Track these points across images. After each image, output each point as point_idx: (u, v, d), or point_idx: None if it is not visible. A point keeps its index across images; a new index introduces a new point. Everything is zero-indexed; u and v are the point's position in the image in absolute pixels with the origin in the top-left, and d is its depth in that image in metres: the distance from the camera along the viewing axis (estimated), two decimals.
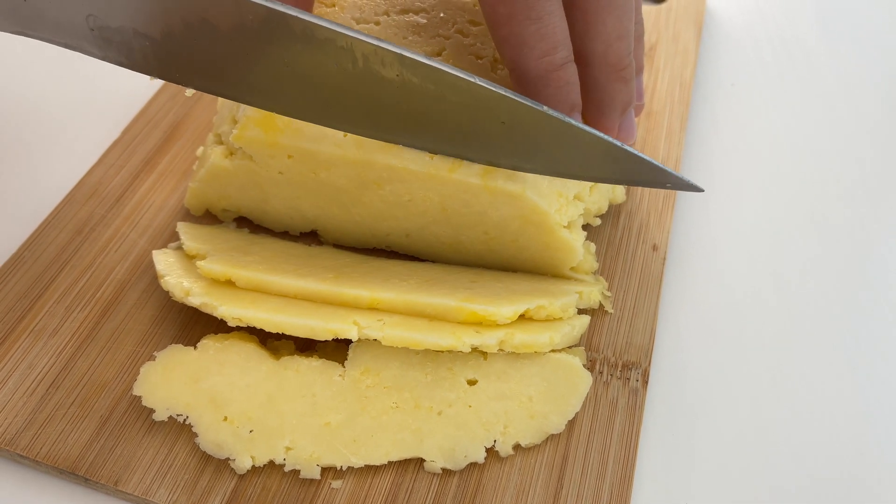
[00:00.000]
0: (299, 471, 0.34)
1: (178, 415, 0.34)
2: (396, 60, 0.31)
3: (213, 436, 0.34)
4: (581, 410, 0.36)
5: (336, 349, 0.37)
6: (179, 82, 0.33)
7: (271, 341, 0.37)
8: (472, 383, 0.36)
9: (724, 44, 0.57)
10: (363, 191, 0.38)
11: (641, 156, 0.34)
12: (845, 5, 0.61)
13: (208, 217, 0.44)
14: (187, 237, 0.40)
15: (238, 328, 0.36)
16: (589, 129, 0.33)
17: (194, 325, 0.39)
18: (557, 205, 0.37)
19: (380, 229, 0.41)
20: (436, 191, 0.37)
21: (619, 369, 0.38)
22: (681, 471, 0.36)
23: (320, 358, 0.36)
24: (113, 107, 0.50)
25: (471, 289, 0.37)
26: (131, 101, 0.50)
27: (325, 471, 0.35)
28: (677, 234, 0.45)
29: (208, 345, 0.36)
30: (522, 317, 0.36)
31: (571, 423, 0.36)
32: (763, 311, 0.42)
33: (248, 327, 0.34)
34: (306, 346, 0.37)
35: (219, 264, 0.36)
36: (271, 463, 0.34)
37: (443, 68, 0.31)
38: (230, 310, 0.34)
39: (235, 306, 0.34)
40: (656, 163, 0.34)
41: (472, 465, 0.35)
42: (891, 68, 0.56)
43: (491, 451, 0.35)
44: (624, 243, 0.43)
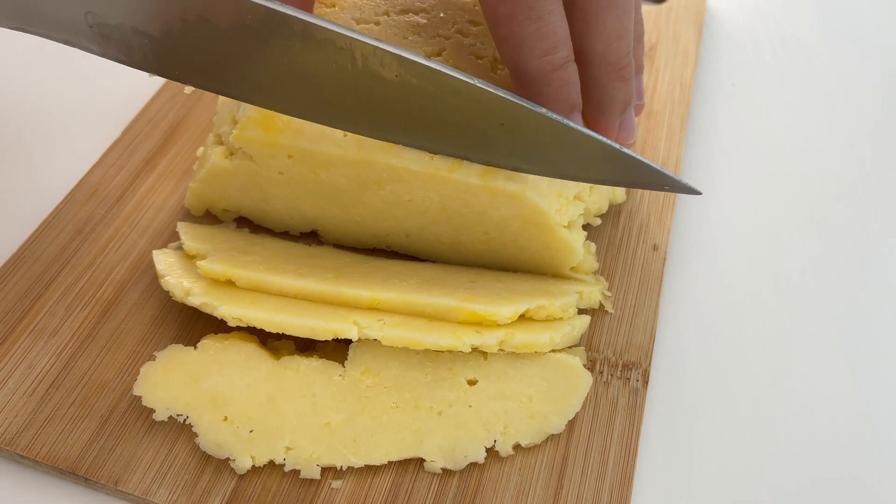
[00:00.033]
0: (299, 471, 0.34)
1: (178, 415, 0.34)
2: (395, 61, 0.31)
3: (213, 436, 0.34)
4: (581, 410, 0.36)
5: (336, 349, 0.37)
6: (178, 80, 0.33)
7: (271, 341, 0.37)
8: (473, 383, 0.36)
9: (725, 44, 0.57)
10: (363, 191, 0.38)
11: (640, 158, 0.34)
12: (845, 5, 0.61)
13: (208, 217, 0.44)
14: (187, 237, 0.40)
15: (238, 328, 0.36)
16: (587, 132, 0.33)
17: (194, 325, 0.39)
18: (557, 205, 0.37)
19: (380, 229, 0.41)
20: (436, 191, 0.37)
21: (620, 369, 0.38)
22: (681, 471, 0.36)
23: (320, 358, 0.36)
24: (113, 107, 0.50)
25: (471, 289, 0.37)
26: (132, 100, 0.50)
27: (325, 471, 0.35)
28: (677, 233, 0.45)
29: (208, 345, 0.36)
30: (522, 317, 0.36)
31: (571, 423, 0.36)
32: (763, 311, 0.42)
33: (249, 327, 0.34)
34: (306, 346, 0.37)
35: (219, 264, 0.36)
36: (271, 463, 0.34)
37: (441, 70, 0.31)
38: (230, 310, 0.34)
39: (235, 306, 0.34)
40: (654, 165, 0.34)
41: (473, 465, 0.35)
42: (891, 68, 0.56)
43: (491, 452, 0.35)
44: (624, 243, 0.43)
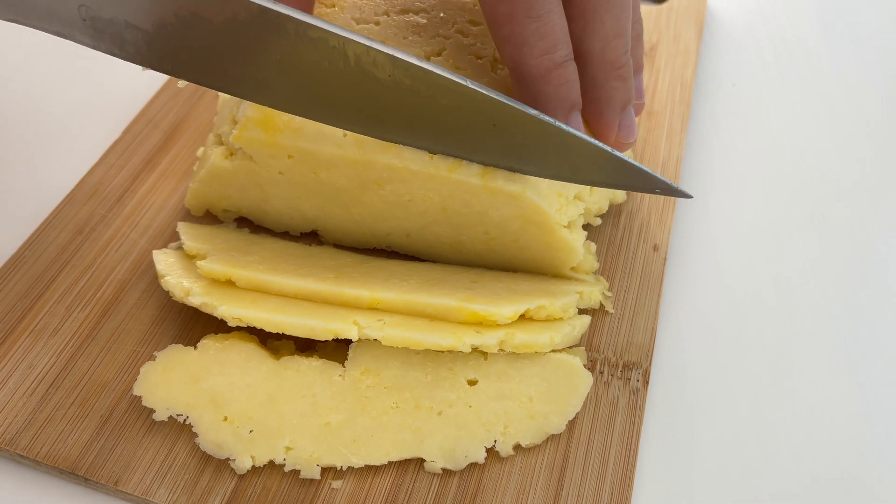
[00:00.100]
0: (299, 471, 0.34)
1: (178, 415, 0.34)
2: (388, 61, 0.31)
3: (213, 436, 0.34)
4: (581, 411, 0.36)
5: (336, 349, 0.37)
6: (172, 74, 0.33)
7: (271, 341, 0.37)
8: (473, 383, 0.36)
9: (725, 44, 0.57)
10: (363, 191, 0.38)
11: (631, 161, 0.34)
12: (846, 5, 0.61)
13: (208, 217, 0.44)
14: (187, 237, 0.40)
15: (238, 328, 0.36)
16: (578, 134, 0.33)
17: (194, 325, 0.39)
18: (558, 205, 0.37)
19: (380, 229, 0.41)
20: (436, 191, 0.37)
21: (620, 369, 0.38)
22: (681, 471, 0.36)
23: (320, 358, 0.36)
24: (113, 106, 0.50)
25: (471, 289, 0.37)
26: (132, 100, 0.50)
27: (326, 471, 0.35)
28: (678, 234, 0.45)
29: (208, 345, 0.36)
30: (523, 317, 0.36)
31: (572, 424, 0.36)
32: (763, 311, 0.42)
33: (249, 327, 0.34)
34: (306, 346, 0.37)
35: (219, 264, 0.36)
36: (271, 463, 0.34)
37: (434, 70, 0.31)
38: (230, 310, 0.34)
39: (235, 306, 0.34)
40: (646, 168, 0.34)
41: (473, 465, 0.35)
42: (891, 68, 0.56)
43: (491, 452, 0.35)
44: (624, 243, 0.43)
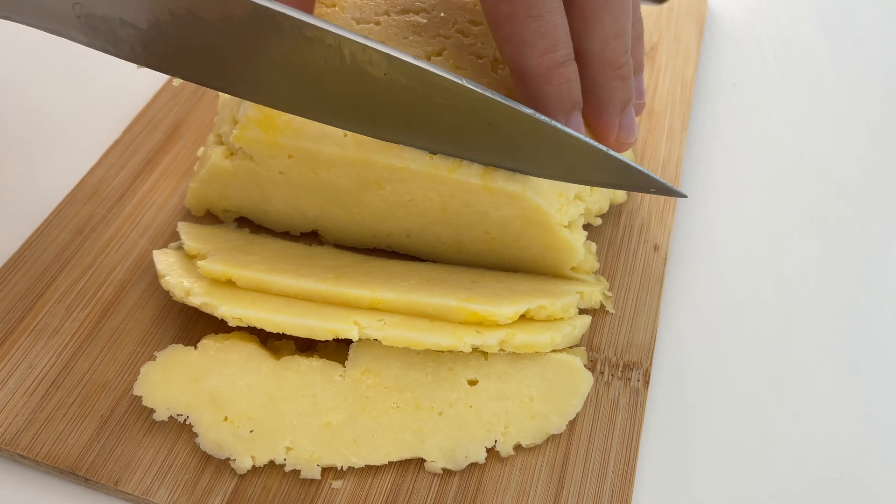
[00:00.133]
0: (300, 471, 0.34)
1: (178, 415, 0.34)
2: (384, 60, 0.31)
3: (213, 436, 0.34)
4: (582, 411, 0.36)
5: (337, 349, 0.37)
6: (166, 72, 0.33)
7: (272, 341, 0.37)
8: (473, 383, 0.36)
9: (726, 44, 0.57)
10: (364, 191, 0.38)
11: (626, 161, 0.34)
12: (847, 5, 0.61)
13: (209, 217, 0.44)
14: (188, 237, 0.40)
15: (238, 328, 0.36)
16: (574, 133, 0.33)
17: (195, 324, 0.39)
18: (558, 205, 0.37)
19: (380, 229, 0.41)
20: (436, 191, 0.37)
21: (621, 369, 0.38)
22: (682, 471, 0.36)
23: (321, 358, 0.36)
24: (114, 106, 0.50)
25: (471, 289, 0.37)
26: (132, 100, 0.50)
27: (326, 471, 0.35)
28: (678, 234, 0.45)
29: (209, 345, 0.36)
30: (523, 317, 0.36)
31: (572, 424, 0.36)
32: (763, 311, 0.42)
33: (249, 327, 0.34)
34: (307, 346, 0.37)
35: (219, 264, 0.36)
36: (272, 463, 0.34)
37: (429, 69, 0.31)
38: (230, 310, 0.34)
39: (236, 306, 0.34)
40: (641, 168, 0.34)
41: (473, 465, 0.35)
42: (891, 68, 0.56)
43: (492, 452, 0.35)
44: (625, 243, 0.43)
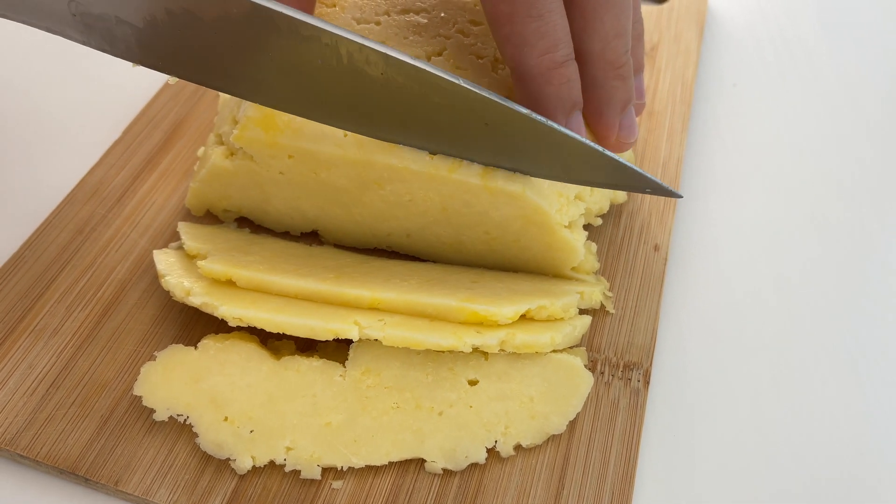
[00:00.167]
0: (300, 471, 0.34)
1: (178, 415, 0.34)
2: (381, 59, 0.31)
3: (213, 436, 0.34)
4: (582, 411, 0.36)
5: (337, 349, 0.37)
6: (163, 70, 0.32)
7: (272, 341, 0.37)
8: (473, 383, 0.36)
9: (726, 44, 0.57)
10: (364, 191, 0.38)
11: (622, 161, 0.34)
12: (847, 5, 0.61)
13: (209, 217, 0.44)
14: (188, 237, 0.40)
15: (239, 328, 0.36)
16: (570, 133, 0.33)
17: (195, 324, 0.39)
18: (558, 205, 0.37)
19: (381, 229, 0.41)
20: (436, 191, 0.37)
21: (621, 370, 0.38)
22: (682, 471, 0.36)
23: (321, 358, 0.36)
24: (114, 106, 0.50)
25: (472, 289, 0.37)
26: (132, 100, 0.50)
27: (326, 471, 0.35)
28: (679, 234, 0.45)
29: (209, 345, 0.35)
30: (524, 317, 0.36)
31: (573, 424, 0.36)
32: (764, 311, 0.42)
33: (249, 327, 0.34)
34: (307, 346, 0.37)
35: (219, 264, 0.36)
36: (272, 463, 0.34)
37: (426, 68, 0.31)
38: (231, 310, 0.34)
39: (236, 306, 0.34)
40: (637, 168, 0.34)
41: (473, 465, 0.35)
42: (891, 68, 0.56)
43: (492, 452, 0.35)
44: (625, 243, 0.43)
